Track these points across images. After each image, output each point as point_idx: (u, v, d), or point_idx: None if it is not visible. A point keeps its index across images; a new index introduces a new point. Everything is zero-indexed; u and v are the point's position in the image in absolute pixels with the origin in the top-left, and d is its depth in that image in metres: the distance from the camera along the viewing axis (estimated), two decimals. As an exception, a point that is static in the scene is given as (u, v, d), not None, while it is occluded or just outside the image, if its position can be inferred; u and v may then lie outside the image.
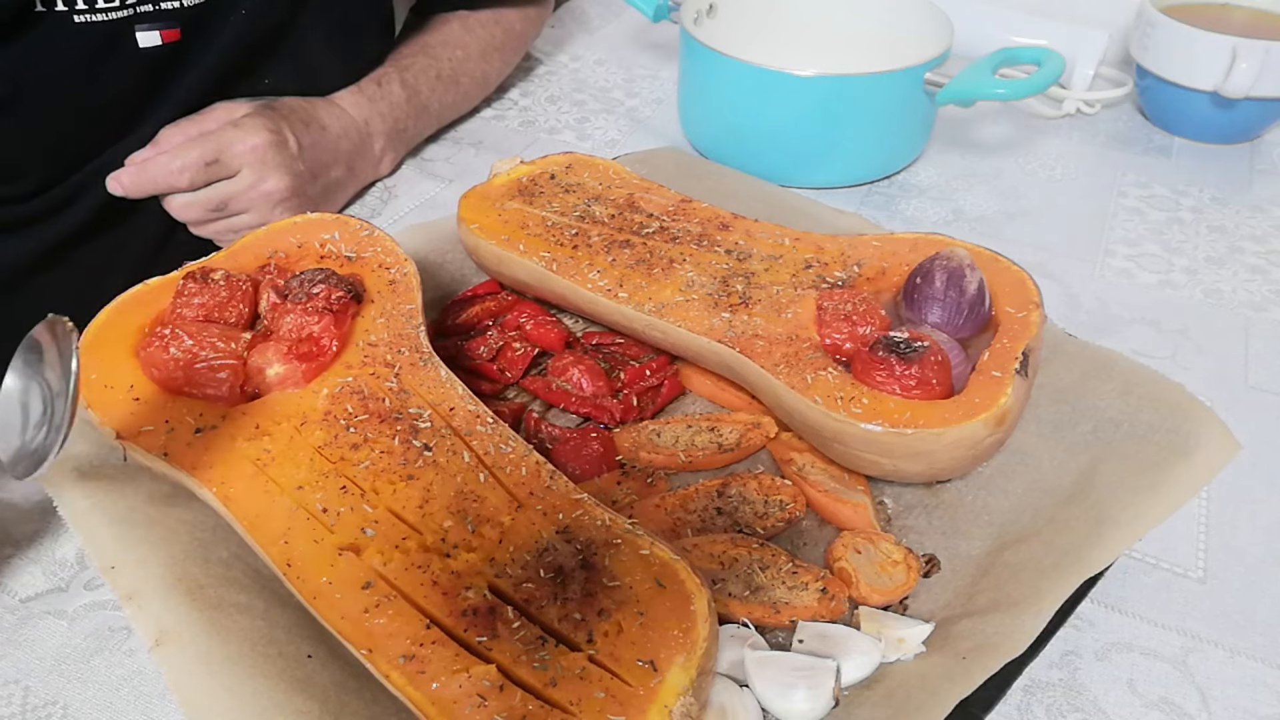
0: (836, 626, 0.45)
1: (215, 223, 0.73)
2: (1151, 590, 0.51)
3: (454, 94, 0.88)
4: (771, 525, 0.50)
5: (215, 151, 0.70)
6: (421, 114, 0.85)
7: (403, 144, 0.84)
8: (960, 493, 0.53)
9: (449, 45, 0.88)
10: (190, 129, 0.72)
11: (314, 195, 0.75)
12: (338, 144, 0.77)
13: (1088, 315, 0.70)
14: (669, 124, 0.93)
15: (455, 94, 0.88)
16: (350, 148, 0.78)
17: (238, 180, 0.71)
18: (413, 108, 0.83)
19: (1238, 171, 0.88)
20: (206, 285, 0.53)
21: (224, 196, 0.71)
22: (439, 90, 0.86)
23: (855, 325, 0.53)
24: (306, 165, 0.74)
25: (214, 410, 0.49)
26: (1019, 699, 0.45)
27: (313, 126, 0.75)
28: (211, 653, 0.41)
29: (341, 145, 0.77)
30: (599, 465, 0.54)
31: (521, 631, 0.40)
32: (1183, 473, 0.49)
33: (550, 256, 0.60)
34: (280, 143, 0.72)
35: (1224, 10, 0.93)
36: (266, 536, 0.44)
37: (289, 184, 0.72)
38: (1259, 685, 0.46)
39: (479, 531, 0.43)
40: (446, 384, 0.50)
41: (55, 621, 0.47)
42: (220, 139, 0.70)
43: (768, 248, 0.59)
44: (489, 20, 0.91)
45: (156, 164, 0.69)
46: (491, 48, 0.91)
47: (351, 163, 0.79)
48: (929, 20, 0.85)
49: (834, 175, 0.83)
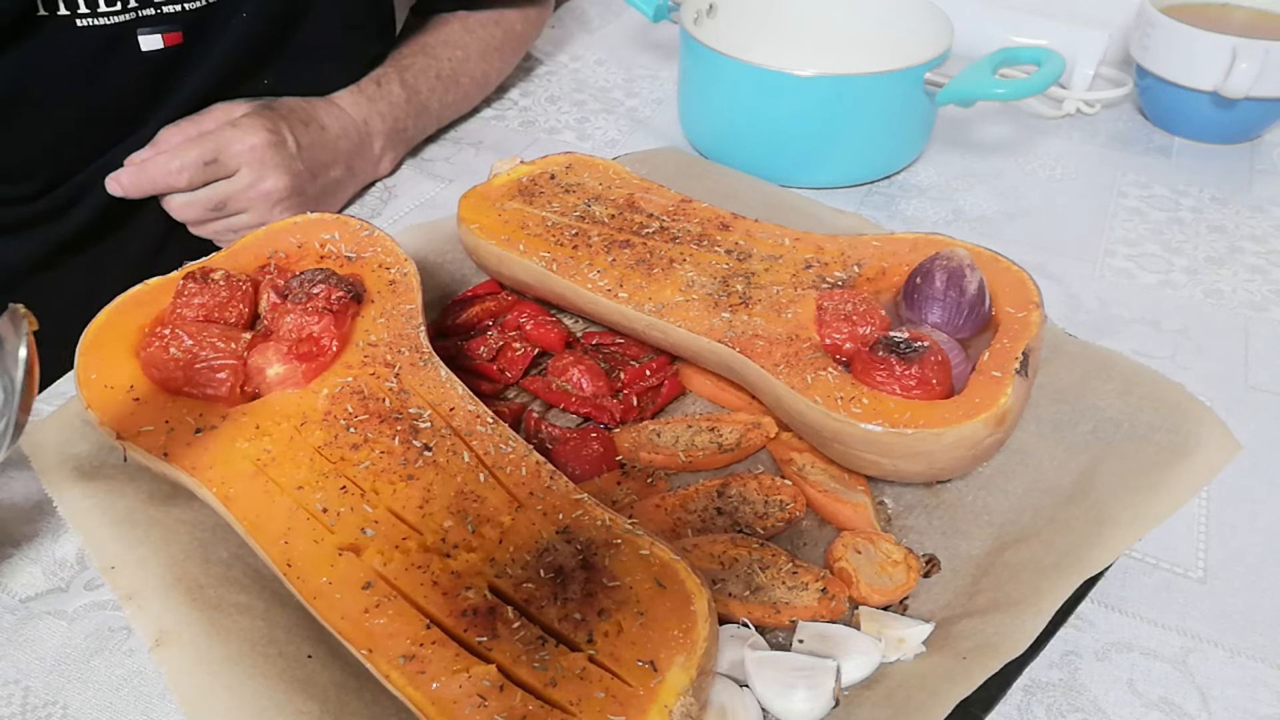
0: (836, 626, 0.45)
1: (214, 222, 0.73)
2: (1151, 590, 0.51)
3: (454, 94, 0.88)
4: (771, 525, 0.50)
5: (214, 151, 0.70)
6: (421, 114, 0.85)
7: (402, 144, 0.84)
8: (960, 493, 0.53)
9: (449, 45, 0.88)
10: (189, 129, 0.72)
11: (313, 194, 0.75)
12: (337, 143, 0.77)
13: (1088, 315, 0.70)
14: (669, 124, 0.93)
15: (455, 94, 0.88)
16: (349, 147, 0.78)
17: (236, 180, 0.71)
18: (412, 107, 0.83)
19: (1238, 171, 0.88)
20: (206, 285, 0.53)
21: (222, 196, 0.71)
22: (439, 90, 0.86)
23: (855, 325, 0.53)
24: (305, 164, 0.74)
25: (214, 410, 0.49)
26: (1019, 699, 0.45)
27: (311, 126, 0.75)
28: (211, 653, 0.41)
29: (340, 145, 0.77)
30: (599, 465, 0.54)
31: (521, 631, 0.40)
32: (1183, 473, 0.49)
33: (550, 256, 0.60)
34: (279, 142, 0.72)
35: (1224, 10, 0.93)
36: (266, 536, 0.44)
37: (288, 183, 0.72)
38: (1259, 685, 0.46)
39: (479, 531, 0.43)
40: (446, 384, 0.50)
41: (55, 621, 0.47)
42: (219, 139, 0.70)
43: (768, 248, 0.59)
44: (489, 20, 0.91)
45: (155, 164, 0.69)
46: (491, 48, 0.91)
47: (351, 162, 0.79)
48: (929, 20, 0.85)
49: (834, 175, 0.83)
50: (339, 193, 0.79)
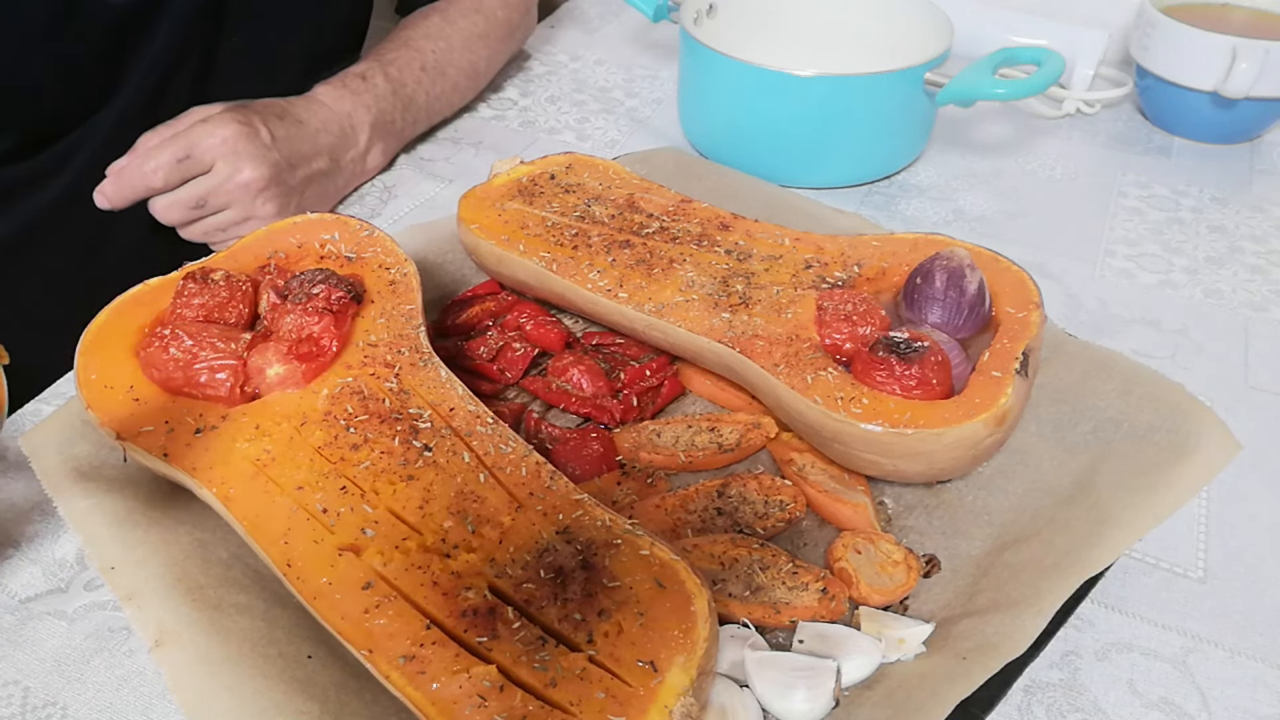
0: (836, 627, 0.45)
1: (200, 223, 0.73)
2: (1151, 590, 0.51)
3: (441, 85, 0.88)
4: (771, 525, 0.50)
5: (186, 148, 0.70)
6: (409, 106, 0.85)
7: (392, 136, 0.84)
8: (960, 493, 0.53)
9: (431, 38, 0.88)
10: (165, 132, 0.72)
11: (295, 186, 0.75)
12: (316, 136, 0.77)
13: (1088, 315, 0.70)
14: (669, 124, 0.93)
15: (443, 85, 0.88)
16: (331, 140, 0.78)
17: (213, 174, 0.71)
18: (399, 100, 0.84)
19: (1238, 171, 0.88)
20: (206, 285, 0.53)
21: (201, 193, 0.71)
22: (425, 82, 0.86)
23: (855, 325, 0.53)
24: (282, 155, 0.74)
25: (214, 410, 0.49)
26: (1019, 699, 0.45)
27: (287, 119, 0.76)
28: (211, 653, 0.41)
29: (321, 138, 0.77)
30: (599, 465, 0.54)
31: (521, 632, 0.40)
32: (1183, 473, 0.49)
33: (550, 256, 0.60)
34: (251, 134, 0.72)
35: (1224, 10, 0.93)
36: (266, 537, 0.44)
37: (265, 173, 0.72)
38: (1259, 685, 0.46)
39: (479, 532, 0.43)
40: (446, 384, 0.50)
41: (55, 622, 0.47)
42: (190, 135, 0.70)
43: (768, 248, 0.59)
44: (468, 9, 0.91)
45: (131, 168, 0.70)
46: (475, 36, 0.91)
47: (335, 154, 0.79)
48: (929, 20, 0.85)
49: (834, 175, 0.83)
50: (326, 185, 0.79)
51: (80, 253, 0.79)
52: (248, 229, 0.73)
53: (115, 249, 0.80)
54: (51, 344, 0.59)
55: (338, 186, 0.80)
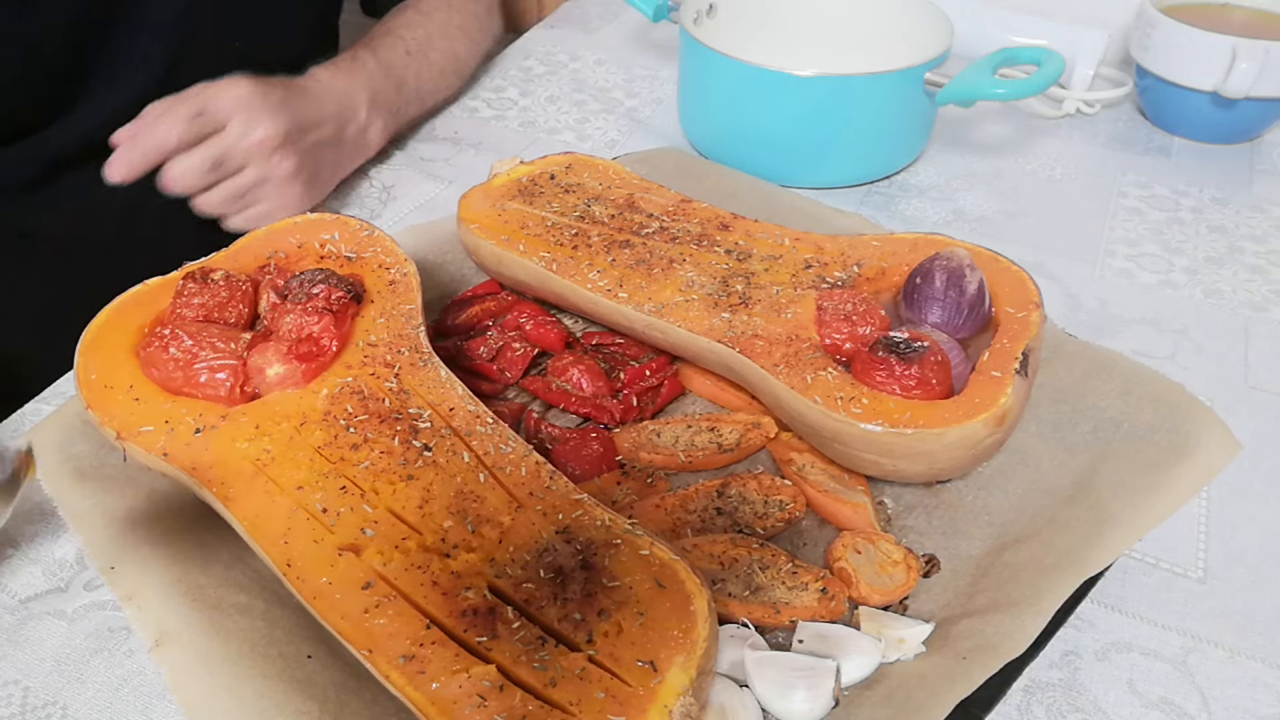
0: (836, 626, 0.45)
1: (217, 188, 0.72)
2: (1151, 590, 0.51)
3: (427, 68, 0.89)
4: (771, 525, 0.50)
5: (199, 105, 0.69)
6: (401, 86, 0.86)
7: (389, 113, 0.84)
8: (960, 493, 0.53)
9: (410, 27, 0.90)
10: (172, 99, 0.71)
11: (308, 148, 0.75)
12: (322, 103, 0.78)
13: (1088, 315, 0.70)
14: (669, 124, 0.93)
15: (428, 69, 0.89)
16: (335, 109, 0.79)
17: (228, 132, 0.70)
18: (391, 79, 0.84)
19: (1238, 171, 0.88)
20: (206, 285, 0.53)
21: (218, 152, 0.70)
22: (411, 65, 0.87)
23: (855, 325, 0.53)
24: (293, 117, 0.74)
25: (214, 410, 0.49)
26: (1019, 699, 0.45)
27: (292, 87, 0.76)
28: (211, 653, 0.41)
29: (326, 106, 0.78)
30: (599, 465, 0.54)
31: (521, 632, 0.40)
32: (1183, 473, 0.49)
33: (550, 256, 0.60)
34: (264, 91, 0.72)
35: (1224, 10, 0.93)
36: (266, 537, 0.44)
37: (280, 129, 0.71)
38: (1259, 685, 0.46)
39: (479, 532, 0.43)
40: (446, 384, 0.50)
41: (55, 621, 0.47)
42: (203, 93, 0.70)
43: (768, 248, 0.59)
44: (439, 4, 0.93)
45: (143, 130, 0.68)
46: (452, 26, 0.93)
47: (340, 124, 0.79)
48: (929, 20, 0.85)
49: (834, 175, 0.83)
50: (331, 154, 0.79)
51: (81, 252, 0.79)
52: (266, 192, 0.73)
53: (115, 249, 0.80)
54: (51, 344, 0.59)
55: (343, 159, 0.81)
